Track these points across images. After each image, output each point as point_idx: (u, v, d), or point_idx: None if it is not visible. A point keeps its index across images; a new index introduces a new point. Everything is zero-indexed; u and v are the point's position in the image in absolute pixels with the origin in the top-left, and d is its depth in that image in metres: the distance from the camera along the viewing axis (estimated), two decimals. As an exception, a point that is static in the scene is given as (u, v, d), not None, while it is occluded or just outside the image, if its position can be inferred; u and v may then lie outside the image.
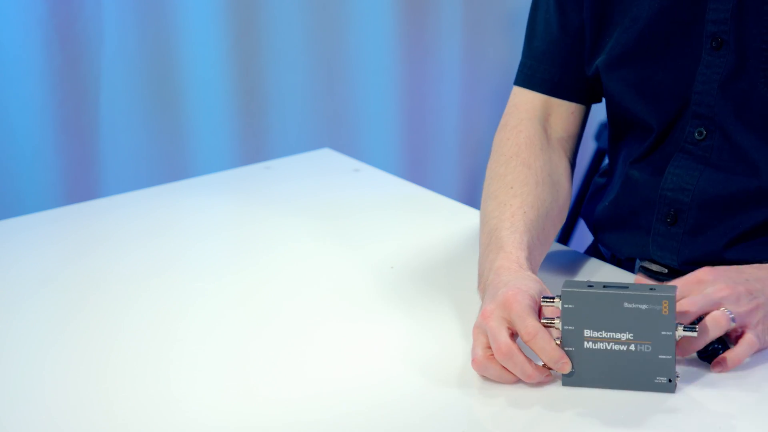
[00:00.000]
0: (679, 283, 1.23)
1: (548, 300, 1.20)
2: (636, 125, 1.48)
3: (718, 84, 1.38)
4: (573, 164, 1.53)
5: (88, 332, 1.34)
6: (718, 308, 1.20)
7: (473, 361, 1.20)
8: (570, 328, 1.18)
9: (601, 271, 1.47)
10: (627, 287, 1.17)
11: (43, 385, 1.23)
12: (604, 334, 1.17)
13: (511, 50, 2.72)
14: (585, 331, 1.17)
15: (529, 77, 1.52)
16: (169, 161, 2.41)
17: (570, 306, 1.17)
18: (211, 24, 2.39)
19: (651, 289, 1.17)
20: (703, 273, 1.25)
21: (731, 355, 1.21)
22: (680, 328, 1.16)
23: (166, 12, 2.33)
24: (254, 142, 2.50)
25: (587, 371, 1.18)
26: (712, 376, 1.20)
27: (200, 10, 2.36)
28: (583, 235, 2.54)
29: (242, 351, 1.30)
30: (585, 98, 1.51)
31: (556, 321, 1.18)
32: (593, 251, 1.60)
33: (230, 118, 2.46)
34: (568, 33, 1.49)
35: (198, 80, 2.40)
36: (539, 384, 1.19)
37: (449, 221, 1.65)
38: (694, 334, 1.17)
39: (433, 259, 1.37)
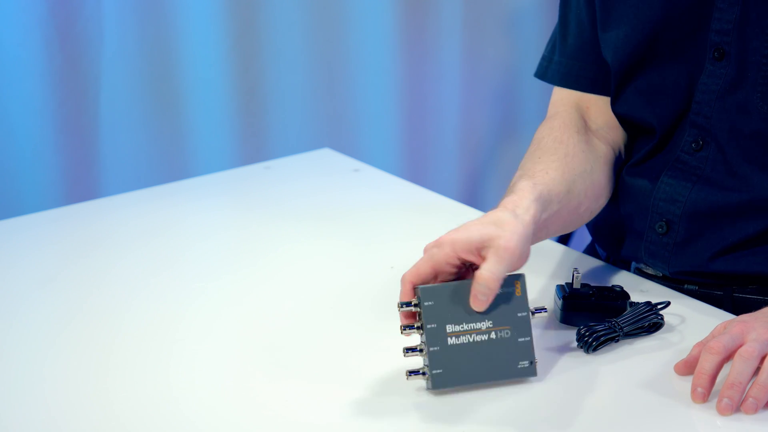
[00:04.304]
0: (724, 331, 1.20)
1: (406, 306, 1.19)
2: (637, 129, 1.48)
3: (717, 95, 1.37)
4: (621, 151, 1.51)
5: (87, 332, 1.35)
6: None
7: None
8: (433, 326, 1.19)
9: (600, 272, 1.47)
10: None
11: (43, 385, 1.23)
12: (465, 327, 1.19)
13: (511, 50, 2.72)
14: (447, 326, 1.19)
15: (564, 75, 1.52)
16: (169, 161, 2.41)
17: (430, 303, 1.19)
18: (211, 24, 2.39)
19: None
20: (741, 321, 1.21)
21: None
22: (533, 308, 1.21)
23: (166, 12, 2.33)
24: (254, 142, 2.50)
25: (454, 369, 1.19)
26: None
27: (200, 10, 2.36)
28: (583, 235, 2.55)
29: (241, 351, 1.30)
30: None
31: (416, 326, 1.20)
32: (591, 251, 1.60)
33: (230, 118, 2.46)
34: (596, 27, 1.48)
35: (198, 80, 2.40)
36: (540, 385, 1.19)
37: (449, 221, 1.64)
38: (545, 312, 1.21)
39: (433, 259, 1.37)
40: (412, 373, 1.19)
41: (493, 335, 1.19)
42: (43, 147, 2.26)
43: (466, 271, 1.22)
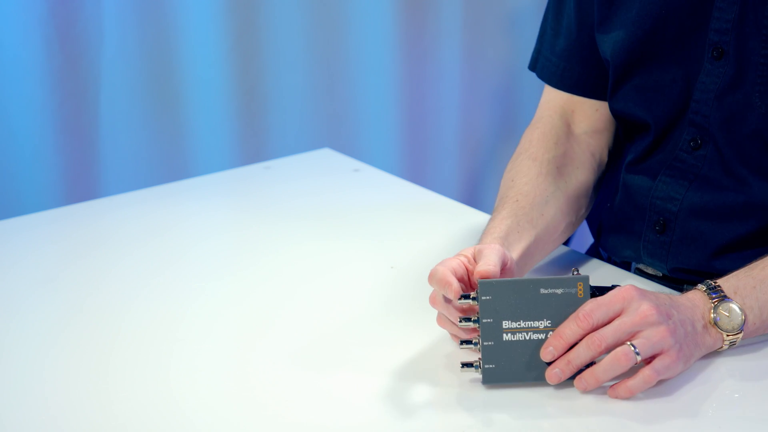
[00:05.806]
0: (605, 300, 1.18)
1: (465, 298, 1.20)
2: (634, 126, 1.48)
3: (715, 94, 1.37)
4: (604, 157, 1.52)
5: (87, 332, 1.35)
6: (631, 338, 1.16)
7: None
8: (489, 320, 1.19)
9: (601, 272, 1.47)
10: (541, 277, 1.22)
11: (43, 385, 1.23)
12: (522, 324, 1.19)
13: (511, 50, 2.72)
14: (503, 322, 1.19)
15: (552, 74, 1.53)
16: (169, 161, 2.41)
17: (487, 297, 1.19)
18: (211, 24, 2.39)
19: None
20: (629, 291, 1.18)
21: (625, 384, 1.16)
22: None
23: (166, 12, 2.33)
24: (254, 142, 2.50)
25: (507, 366, 1.19)
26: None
27: (200, 10, 2.36)
28: (584, 236, 2.55)
29: (242, 351, 1.30)
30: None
31: (473, 320, 1.20)
32: (593, 251, 1.60)
33: (230, 118, 2.46)
34: (586, 29, 1.48)
35: (198, 80, 2.40)
36: (541, 385, 1.19)
37: (449, 221, 1.65)
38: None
39: (433, 259, 1.36)
40: (466, 365, 1.19)
41: (551, 335, 1.19)
42: (43, 147, 2.26)
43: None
